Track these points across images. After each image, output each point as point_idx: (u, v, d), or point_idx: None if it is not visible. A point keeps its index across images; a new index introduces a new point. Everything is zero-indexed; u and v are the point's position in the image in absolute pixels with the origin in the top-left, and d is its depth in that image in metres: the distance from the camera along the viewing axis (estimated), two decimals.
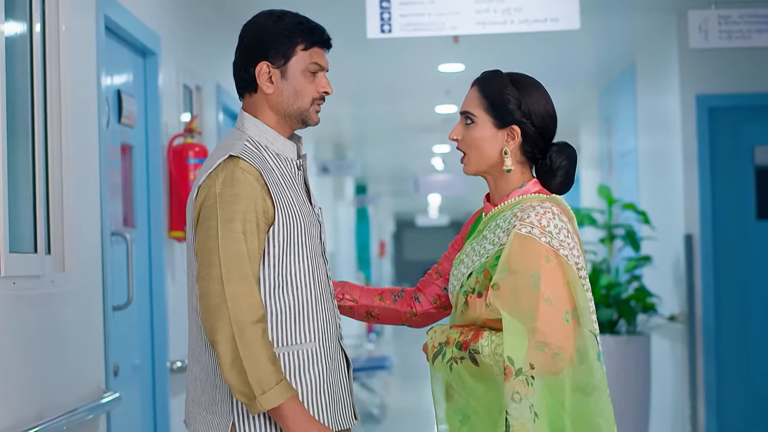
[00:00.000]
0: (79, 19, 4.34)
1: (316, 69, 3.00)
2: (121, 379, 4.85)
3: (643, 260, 8.22)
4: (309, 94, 3.01)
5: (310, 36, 3.00)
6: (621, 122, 9.98)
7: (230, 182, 2.85)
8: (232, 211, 2.83)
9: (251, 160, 2.90)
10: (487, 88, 2.96)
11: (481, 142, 2.95)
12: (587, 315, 2.78)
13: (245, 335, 2.77)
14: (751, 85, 7.71)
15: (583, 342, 2.75)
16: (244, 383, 2.77)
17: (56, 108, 4.09)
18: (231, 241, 2.81)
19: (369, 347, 16.50)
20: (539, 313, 2.72)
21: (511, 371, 2.71)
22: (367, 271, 21.32)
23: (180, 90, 6.00)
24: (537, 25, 5.63)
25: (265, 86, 3.01)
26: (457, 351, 2.85)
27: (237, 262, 2.81)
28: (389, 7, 5.66)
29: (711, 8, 6.09)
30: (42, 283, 3.87)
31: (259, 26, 3.04)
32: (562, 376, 2.74)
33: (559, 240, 2.78)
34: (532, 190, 2.94)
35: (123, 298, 4.89)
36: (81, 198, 4.30)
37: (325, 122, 13.33)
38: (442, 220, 39.84)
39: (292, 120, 3.02)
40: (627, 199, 9.17)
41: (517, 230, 2.80)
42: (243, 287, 2.80)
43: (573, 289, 2.77)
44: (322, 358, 2.95)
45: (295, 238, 2.91)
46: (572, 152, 2.97)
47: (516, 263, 2.76)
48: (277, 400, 2.78)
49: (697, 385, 7.67)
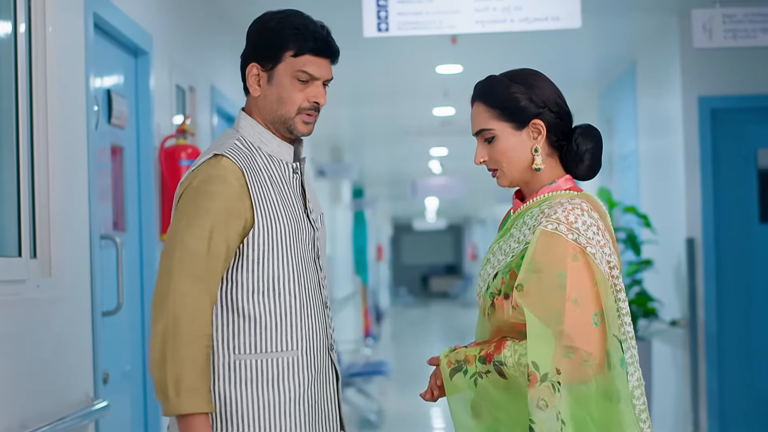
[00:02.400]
0: (66, 18, 4.26)
1: (305, 78, 2.89)
2: (110, 386, 4.76)
3: (645, 264, 8.19)
4: (294, 102, 2.90)
5: (303, 43, 2.89)
6: (621, 124, 9.94)
7: (208, 180, 2.80)
8: (204, 208, 2.78)
9: (235, 159, 2.83)
10: (490, 96, 2.85)
11: (511, 152, 2.83)
12: (613, 318, 2.66)
13: (179, 334, 2.71)
14: (754, 87, 7.64)
15: (609, 346, 2.64)
16: (161, 381, 2.71)
17: (42, 109, 4.01)
18: (193, 237, 2.76)
19: (366, 352, 16.44)
20: (566, 316, 2.61)
21: (536, 377, 2.59)
22: (365, 275, 21.27)
23: (173, 90, 5.92)
24: (537, 23, 5.52)
25: (252, 88, 2.95)
26: (481, 365, 2.72)
27: (192, 259, 2.75)
28: (386, 5, 5.55)
29: (715, 7, 5.98)
30: (27, 288, 3.80)
31: (258, 25, 2.96)
32: (591, 385, 2.62)
33: (587, 237, 2.67)
34: (563, 186, 2.82)
35: (113, 303, 4.80)
36: (68, 201, 4.22)
37: (321, 125, 13.35)
38: (439, 224, 39.90)
39: (277, 127, 2.93)
40: (628, 202, 9.14)
41: (543, 227, 2.68)
42: (192, 286, 2.74)
43: (601, 290, 2.65)
44: (304, 368, 2.87)
45: (277, 241, 2.84)
46: (597, 133, 2.86)
47: (541, 262, 2.65)
48: (189, 409, 2.70)
49: (699, 391, 7.60)
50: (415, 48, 8.75)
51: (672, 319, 7.93)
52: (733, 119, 7.66)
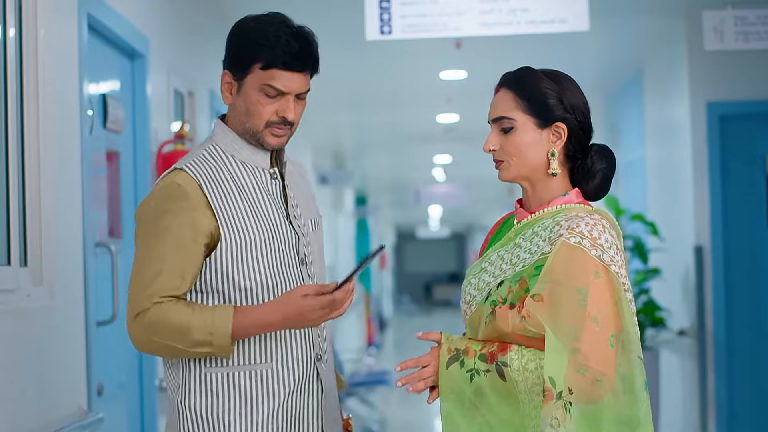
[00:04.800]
0: (59, 20, 4.16)
1: (273, 93, 2.77)
2: (105, 398, 4.67)
3: (652, 273, 8.15)
4: (262, 116, 2.79)
5: (272, 56, 2.75)
6: (628, 130, 9.90)
7: (164, 197, 2.74)
8: (159, 227, 2.72)
9: (194, 171, 2.76)
10: (521, 86, 2.73)
11: (525, 147, 2.71)
12: (636, 341, 2.57)
13: (145, 332, 2.71)
14: (764, 92, 7.57)
15: (631, 370, 2.53)
16: (191, 345, 2.68)
17: (33, 113, 3.92)
18: (149, 261, 2.72)
19: (369, 361, 16.35)
20: (584, 334, 2.50)
21: (551, 394, 2.48)
22: (368, 283, 21.17)
23: (171, 95, 5.82)
24: (544, 26, 5.40)
25: (223, 96, 2.86)
26: (481, 363, 2.60)
27: (149, 281, 2.71)
28: (389, 7, 5.42)
29: (727, 8, 5.87)
30: (17, 297, 3.71)
31: (235, 30, 2.86)
32: (601, 406, 2.52)
33: (610, 255, 2.57)
34: (575, 200, 2.72)
35: (108, 312, 4.71)
36: (61, 207, 4.12)
37: (323, 131, 13.38)
38: (442, 232, 39.91)
39: (247, 138, 2.83)
40: (635, 209, 9.09)
41: (565, 239, 2.57)
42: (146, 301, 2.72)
43: (620, 311, 2.55)
44: (281, 381, 2.78)
45: (246, 253, 2.75)
46: (612, 156, 2.77)
47: (561, 274, 2.54)
48: (227, 326, 2.67)
49: (708, 402, 7.53)
50: (419, 53, 8.69)
51: (680, 328, 7.89)
52: (742, 125, 7.60)
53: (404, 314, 37.58)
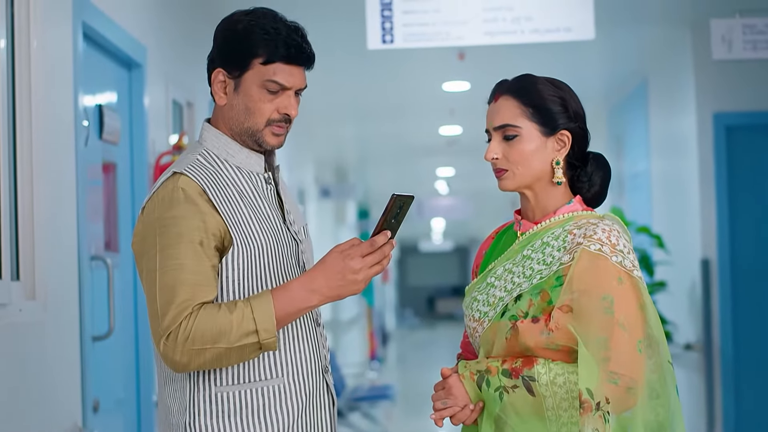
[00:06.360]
0: (53, 30, 4.08)
1: (275, 89, 2.65)
2: (101, 414, 4.59)
3: (658, 286, 8.09)
4: (263, 114, 2.66)
5: (274, 49, 2.64)
6: (632, 142, 9.86)
7: (168, 204, 2.57)
8: (172, 235, 2.56)
9: (195, 176, 2.61)
10: (526, 93, 2.67)
11: (530, 155, 2.65)
12: (664, 344, 2.56)
13: (188, 342, 2.50)
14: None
15: (662, 374, 2.52)
16: (240, 341, 2.52)
17: (27, 123, 3.84)
18: (169, 271, 2.54)
19: (371, 376, 16.26)
20: (613, 341, 2.49)
21: (590, 405, 2.46)
22: (370, 297, 21.12)
23: (169, 105, 5.74)
24: (549, 35, 5.31)
25: (217, 96, 2.71)
26: (507, 379, 2.55)
27: (172, 293, 2.53)
28: (391, 16, 5.32)
29: (735, 17, 5.77)
30: (9, 312, 3.63)
31: (226, 26, 2.73)
32: (634, 413, 2.51)
33: (631, 260, 2.56)
34: (580, 208, 2.70)
35: (104, 327, 4.62)
36: (55, 219, 4.04)
37: (325, 144, 13.33)
38: (446, 246, 39.82)
39: (244, 138, 2.70)
40: (640, 222, 9.04)
41: (585, 247, 2.54)
42: (178, 316, 2.53)
43: (646, 315, 2.53)
44: (293, 395, 2.66)
45: (255, 261, 2.62)
46: (608, 163, 2.76)
47: (585, 283, 2.52)
48: (269, 315, 2.53)
49: (715, 417, 7.48)
50: (422, 64, 8.65)
51: (686, 342, 7.84)
52: (749, 136, 7.55)
53: (407, 328, 37.49)
